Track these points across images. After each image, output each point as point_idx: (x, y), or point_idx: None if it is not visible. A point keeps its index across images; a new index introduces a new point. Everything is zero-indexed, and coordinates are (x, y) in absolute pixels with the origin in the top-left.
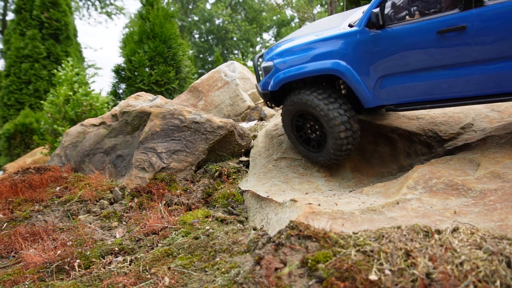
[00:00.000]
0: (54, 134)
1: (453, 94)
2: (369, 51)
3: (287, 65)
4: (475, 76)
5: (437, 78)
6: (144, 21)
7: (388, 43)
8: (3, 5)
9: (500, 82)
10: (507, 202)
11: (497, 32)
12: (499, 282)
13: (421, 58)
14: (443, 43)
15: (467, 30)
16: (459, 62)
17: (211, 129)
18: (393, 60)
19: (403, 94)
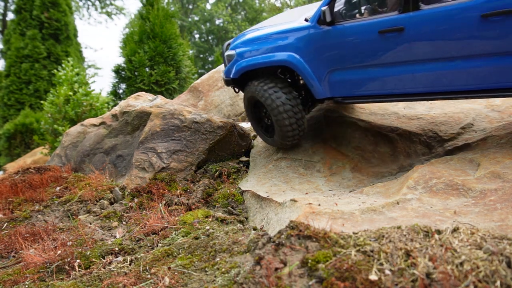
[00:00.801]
0: (54, 134)
1: (393, 90)
2: (319, 46)
3: (247, 55)
4: (412, 74)
5: (379, 75)
6: (144, 21)
7: (336, 39)
8: (3, 5)
9: (434, 81)
10: (507, 202)
11: (431, 35)
12: (499, 282)
13: (364, 55)
14: (384, 42)
15: (404, 32)
16: (398, 60)
17: (211, 129)
18: (340, 55)
19: (349, 88)
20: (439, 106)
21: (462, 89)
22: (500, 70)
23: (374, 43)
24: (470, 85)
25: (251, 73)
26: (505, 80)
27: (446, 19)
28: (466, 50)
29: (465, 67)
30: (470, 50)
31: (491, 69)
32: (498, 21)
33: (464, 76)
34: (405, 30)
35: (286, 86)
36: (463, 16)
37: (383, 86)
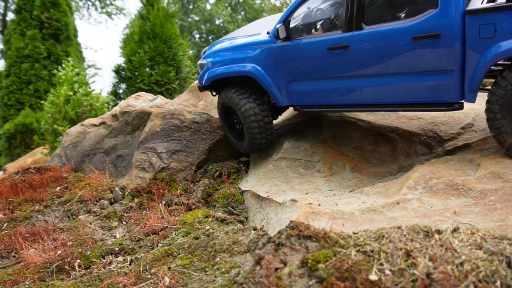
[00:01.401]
0: (54, 134)
1: (342, 101)
2: (277, 59)
3: (217, 64)
4: (356, 88)
5: (329, 87)
6: (144, 21)
7: (292, 53)
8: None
9: (375, 94)
10: (507, 202)
11: (371, 53)
12: (499, 282)
13: (316, 69)
14: (332, 58)
15: (349, 49)
16: (344, 75)
17: (211, 129)
18: (295, 68)
19: (304, 98)
20: None
21: (398, 103)
22: (430, 87)
23: (324, 58)
24: (406, 99)
25: (223, 80)
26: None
27: (383, 39)
28: (400, 68)
29: (399, 83)
30: (403, 68)
31: (422, 86)
32: (427, 44)
33: (399, 91)
34: (349, 47)
35: (257, 94)
36: (398, 37)
37: (333, 98)
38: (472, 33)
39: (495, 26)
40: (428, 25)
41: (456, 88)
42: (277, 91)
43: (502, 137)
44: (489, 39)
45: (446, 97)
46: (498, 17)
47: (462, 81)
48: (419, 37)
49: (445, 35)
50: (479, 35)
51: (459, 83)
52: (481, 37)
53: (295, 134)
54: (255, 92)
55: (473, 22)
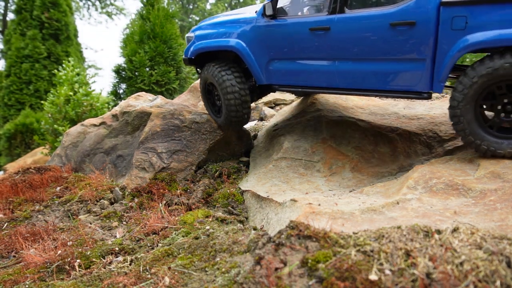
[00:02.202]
0: (54, 134)
1: (319, 83)
2: (262, 37)
3: (203, 38)
4: (334, 70)
5: (308, 68)
6: (144, 21)
7: (276, 31)
8: (4, 5)
9: (352, 79)
10: (507, 202)
11: (350, 36)
12: (499, 282)
13: (297, 49)
14: (313, 39)
15: (330, 31)
16: (324, 57)
17: (211, 129)
18: (278, 47)
19: (284, 77)
20: (439, 106)
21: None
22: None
23: (305, 39)
24: (379, 85)
25: (208, 55)
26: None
27: (362, 23)
28: (376, 54)
29: (374, 68)
30: (379, 54)
31: (395, 73)
32: (402, 31)
33: (373, 76)
34: (330, 29)
35: (238, 71)
36: (376, 22)
37: (310, 79)
38: (445, 24)
39: (466, 18)
40: (405, 12)
41: (426, 77)
42: (258, 68)
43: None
44: (460, 31)
45: (417, 86)
46: (470, 10)
47: (432, 71)
48: (396, 24)
49: (420, 23)
50: (451, 26)
51: (430, 73)
52: (453, 29)
53: (295, 134)
54: (237, 70)
55: (447, 13)
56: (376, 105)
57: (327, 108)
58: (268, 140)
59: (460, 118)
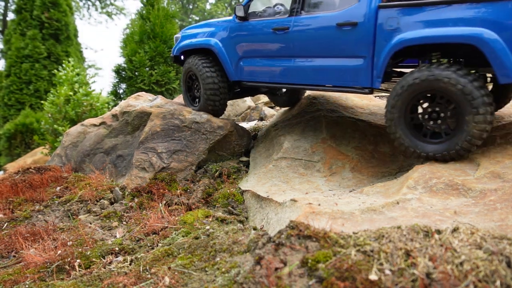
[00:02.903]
0: (54, 134)
1: (281, 79)
2: (234, 37)
3: (188, 37)
4: (294, 67)
5: (271, 65)
6: (144, 21)
7: (245, 32)
8: (4, 5)
9: (306, 74)
10: (507, 202)
11: (305, 35)
12: (499, 282)
13: (262, 48)
14: (275, 38)
15: (289, 31)
16: (283, 54)
17: (211, 129)
18: (247, 46)
19: (251, 74)
20: None
21: (323, 84)
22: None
23: (269, 38)
24: (329, 80)
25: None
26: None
27: (315, 23)
28: (326, 51)
29: (324, 64)
30: (328, 52)
31: (342, 69)
32: (347, 30)
33: (324, 72)
34: (289, 29)
35: (217, 66)
36: (326, 23)
37: (273, 75)
38: (381, 24)
39: (397, 19)
40: (349, 14)
41: (367, 73)
42: (230, 66)
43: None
44: (393, 30)
45: (359, 81)
46: (400, 12)
47: (372, 67)
48: (341, 24)
49: (361, 24)
50: (386, 26)
51: (370, 69)
52: (387, 29)
53: (295, 134)
54: (217, 64)
55: (383, 15)
56: (376, 105)
57: (327, 108)
58: (268, 140)
59: (392, 121)
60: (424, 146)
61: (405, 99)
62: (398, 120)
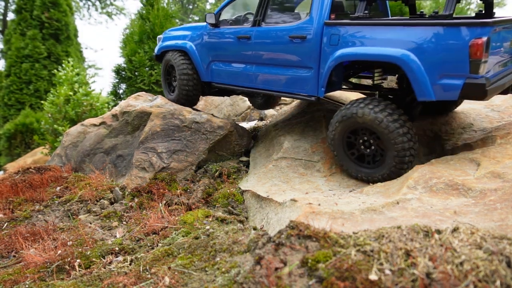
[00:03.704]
0: (54, 134)
1: (242, 83)
2: (206, 42)
3: (168, 39)
4: (252, 72)
5: (235, 70)
6: (144, 21)
7: (215, 38)
8: (4, 5)
9: (262, 80)
10: (507, 202)
11: (263, 44)
12: (499, 282)
13: (228, 53)
14: (239, 45)
15: (250, 39)
16: (245, 60)
17: (211, 129)
18: (216, 50)
19: (219, 77)
20: None
21: (276, 90)
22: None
23: (234, 45)
24: (281, 87)
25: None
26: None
27: (272, 34)
28: (279, 60)
29: (277, 72)
30: (281, 61)
31: (292, 77)
32: (297, 43)
33: (277, 79)
34: (250, 38)
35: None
36: (280, 35)
37: (236, 79)
38: (326, 40)
39: (339, 36)
40: (300, 28)
41: (314, 83)
42: (202, 67)
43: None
44: (335, 46)
45: (307, 90)
46: (341, 30)
47: (318, 78)
48: (292, 37)
49: (309, 38)
50: (330, 42)
51: (316, 79)
52: (331, 44)
53: (295, 134)
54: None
55: (328, 31)
56: None
57: (327, 108)
58: (268, 140)
59: (333, 145)
60: (359, 169)
61: (341, 130)
62: (337, 144)
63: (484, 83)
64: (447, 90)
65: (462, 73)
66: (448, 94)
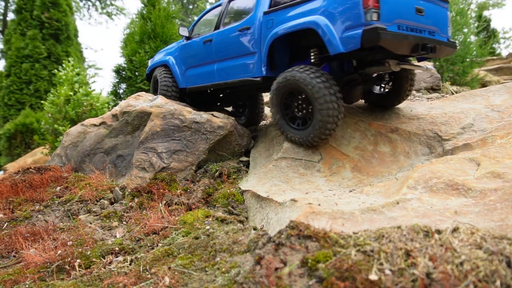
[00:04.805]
0: (54, 134)
1: (209, 81)
2: (181, 53)
3: (155, 58)
4: (216, 69)
5: (203, 71)
6: (145, 21)
7: (188, 48)
8: (4, 5)
9: (223, 74)
10: (507, 202)
11: (221, 43)
12: (499, 282)
13: (197, 58)
14: (204, 48)
15: (212, 42)
16: (209, 61)
17: (211, 129)
18: (189, 58)
19: (192, 81)
20: (439, 106)
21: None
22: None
23: (201, 50)
24: (236, 76)
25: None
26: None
27: (226, 33)
28: (233, 53)
29: (233, 63)
30: (235, 53)
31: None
32: (244, 34)
33: (233, 69)
34: (212, 40)
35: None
36: (232, 31)
37: (205, 79)
38: (264, 25)
39: (273, 20)
40: (246, 22)
41: (259, 65)
42: (179, 76)
43: None
44: (270, 28)
45: (253, 72)
46: (273, 15)
47: (260, 60)
48: (241, 29)
49: (252, 27)
50: (267, 26)
51: (259, 61)
52: (267, 28)
53: None
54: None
55: (265, 18)
56: None
57: None
58: (268, 140)
59: (273, 111)
60: (294, 132)
61: (281, 91)
62: (275, 104)
63: (376, 27)
64: (352, 40)
65: (360, 23)
66: (353, 44)
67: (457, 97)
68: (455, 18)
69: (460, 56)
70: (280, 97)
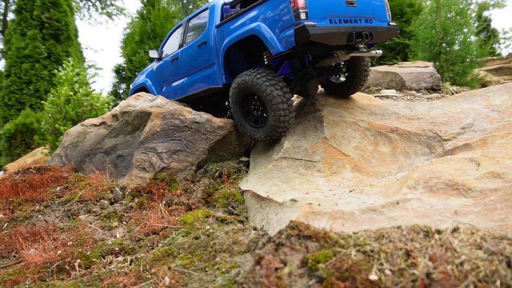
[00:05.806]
0: (54, 134)
1: (181, 95)
2: (155, 73)
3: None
4: (185, 83)
5: (174, 87)
6: (145, 21)
7: (160, 68)
8: (4, 5)
9: (191, 87)
10: (507, 202)
11: (185, 59)
12: (499, 282)
13: (168, 76)
14: (173, 66)
15: (178, 59)
16: (178, 77)
17: (211, 129)
18: (161, 77)
19: (170, 96)
20: (439, 106)
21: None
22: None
23: (170, 68)
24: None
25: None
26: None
27: (189, 49)
28: (196, 67)
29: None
30: (197, 66)
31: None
32: (203, 48)
33: (198, 81)
34: (178, 58)
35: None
36: (193, 47)
37: (177, 93)
38: (217, 37)
39: (224, 32)
40: (203, 37)
41: (219, 74)
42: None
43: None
44: (223, 39)
45: (216, 81)
46: (224, 27)
47: (219, 69)
48: (199, 44)
49: (208, 41)
50: (220, 38)
51: (219, 70)
52: (220, 39)
53: (295, 134)
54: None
55: (218, 31)
56: (376, 105)
57: (327, 108)
58: None
59: (232, 111)
60: (252, 130)
61: (237, 94)
62: (235, 105)
63: (304, 25)
64: (287, 40)
65: (292, 23)
66: (289, 43)
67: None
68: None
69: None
70: (238, 99)
